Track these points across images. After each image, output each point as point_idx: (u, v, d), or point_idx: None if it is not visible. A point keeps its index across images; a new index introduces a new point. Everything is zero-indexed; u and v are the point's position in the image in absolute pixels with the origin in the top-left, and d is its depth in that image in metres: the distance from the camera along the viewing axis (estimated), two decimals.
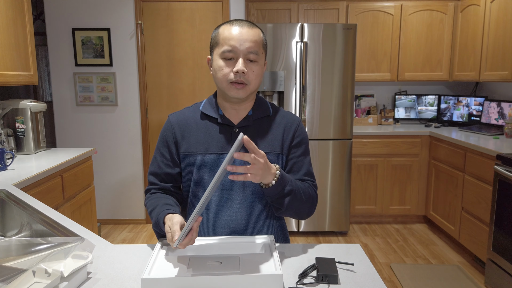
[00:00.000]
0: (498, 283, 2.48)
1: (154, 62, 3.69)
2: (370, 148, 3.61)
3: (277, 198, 1.12)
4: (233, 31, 1.15)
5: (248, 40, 1.15)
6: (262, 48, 1.19)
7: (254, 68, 1.17)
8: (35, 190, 2.00)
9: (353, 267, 1.08)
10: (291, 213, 1.18)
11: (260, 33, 1.20)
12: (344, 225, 3.50)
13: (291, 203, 1.14)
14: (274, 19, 3.63)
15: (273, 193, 1.10)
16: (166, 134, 1.28)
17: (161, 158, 1.28)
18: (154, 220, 1.14)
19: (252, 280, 0.91)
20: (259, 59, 1.18)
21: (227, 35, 1.16)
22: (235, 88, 1.16)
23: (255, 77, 1.18)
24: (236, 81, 1.16)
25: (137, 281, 1.00)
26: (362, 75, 3.78)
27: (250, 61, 1.16)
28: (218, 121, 1.25)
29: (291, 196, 1.13)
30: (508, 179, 2.40)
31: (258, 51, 1.17)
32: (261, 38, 1.19)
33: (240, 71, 1.14)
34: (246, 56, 1.15)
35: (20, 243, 1.00)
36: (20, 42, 2.41)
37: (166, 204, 1.17)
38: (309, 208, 1.22)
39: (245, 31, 1.15)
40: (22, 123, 2.50)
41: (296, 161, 1.27)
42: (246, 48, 1.14)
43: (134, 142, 3.78)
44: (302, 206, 1.18)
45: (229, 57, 1.15)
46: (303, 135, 1.30)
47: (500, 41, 3.05)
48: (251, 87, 1.19)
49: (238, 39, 1.14)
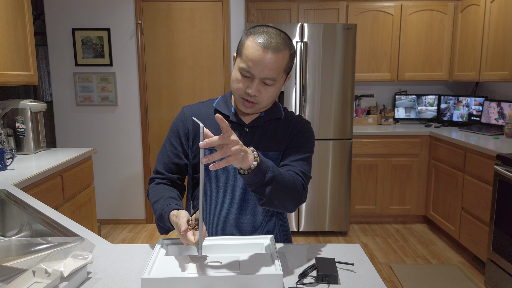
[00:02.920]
0: (498, 283, 2.48)
1: (154, 62, 3.69)
2: (370, 148, 3.61)
3: (258, 186, 1.02)
4: (256, 52, 1.10)
5: (268, 68, 1.11)
6: (282, 72, 1.15)
7: (269, 90, 1.15)
8: (35, 190, 2.00)
9: (353, 267, 1.08)
10: (275, 203, 1.08)
11: (286, 57, 1.14)
12: (344, 225, 3.50)
13: (273, 191, 1.04)
14: (274, 19, 3.63)
15: (254, 180, 0.99)
16: (178, 125, 1.28)
17: (171, 148, 1.27)
18: (159, 214, 1.12)
19: (252, 280, 0.91)
20: (276, 83, 1.15)
21: (250, 53, 1.11)
22: (244, 106, 1.17)
23: (268, 98, 1.17)
24: (246, 100, 1.16)
25: (137, 281, 1.00)
26: (362, 75, 3.78)
27: (266, 85, 1.14)
28: (230, 119, 1.25)
29: (273, 184, 1.03)
30: (508, 179, 2.39)
31: (276, 77, 1.13)
32: (285, 63, 1.14)
33: (252, 95, 1.14)
34: (263, 80, 1.13)
35: (20, 243, 1.00)
36: (20, 42, 2.41)
37: (171, 198, 1.15)
38: (294, 198, 1.11)
39: (268, 57, 1.10)
40: (22, 123, 2.50)
41: (292, 149, 1.23)
42: (263, 74, 1.11)
43: (134, 142, 3.78)
44: (286, 196, 1.09)
45: (246, 75, 1.14)
46: (308, 133, 1.27)
47: (500, 41, 3.05)
48: (262, 106, 1.18)
49: (259, 63, 1.10)
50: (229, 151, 0.89)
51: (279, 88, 1.19)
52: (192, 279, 0.90)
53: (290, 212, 1.17)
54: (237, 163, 0.93)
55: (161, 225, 1.14)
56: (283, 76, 1.17)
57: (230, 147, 0.89)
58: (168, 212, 1.09)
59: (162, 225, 1.13)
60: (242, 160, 0.93)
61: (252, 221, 1.24)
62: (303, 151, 1.23)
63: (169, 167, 1.27)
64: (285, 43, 1.14)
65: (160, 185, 1.25)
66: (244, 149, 0.94)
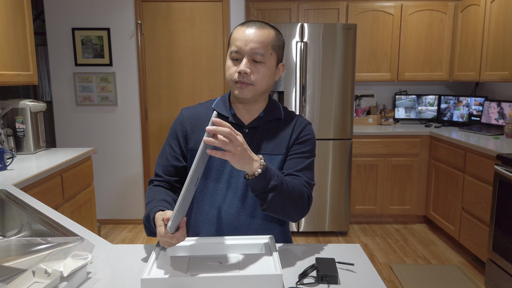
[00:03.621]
0: (498, 283, 2.48)
1: (154, 62, 3.68)
2: (370, 148, 3.61)
3: (261, 192, 1.05)
4: (241, 32, 1.16)
5: (254, 41, 1.14)
6: (270, 49, 1.17)
7: (261, 69, 1.16)
8: (35, 190, 2.00)
9: (353, 267, 1.08)
10: (277, 211, 1.10)
11: (271, 34, 1.18)
12: (344, 225, 3.50)
13: (276, 200, 1.06)
14: (274, 19, 3.63)
15: (257, 185, 1.03)
16: (177, 127, 1.29)
17: (170, 150, 1.28)
18: (146, 214, 1.12)
19: (252, 280, 0.91)
20: (266, 60, 1.16)
21: (235, 35, 1.17)
22: (239, 87, 1.17)
23: (261, 78, 1.17)
24: (240, 81, 1.16)
25: (137, 281, 1.00)
26: (362, 75, 3.78)
27: (256, 62, 1.16)
28: (229, 119, 1.25)
29: (276, 192, 1.05)
30: (508, 179, 2.39)
31: (264, 52, 1.15)
32: (270, 38, 1.17)
33: (243, 72, 1.14)
34: (251, 56, 1.15)
35: (20, 243, 1.00)
36: (20, 42, 2.41)
37: (162, 200, 1.15)
38: (298, 208, 1.13)
39: (252, 32, 1.15)
40: (22, 123, 2.50)
41: (295, 157, 1.23)
42: (250, 49, 1.14)
43: (134, 142, 3.78)
44: (289, 205, 1.10)
45: (236, 58, 1.16)
46: (309, 136, 1.26)
47: (500, 41, 3.05)
48: (257, 88, 1.18)
49: (244, 40, 1.14)
50: (229, 147, 0.93)
51: (271, 69, 1.20)
52: (192, 279, 0.90)
53: (294, 222, 1.18)
54: (234, 163, 0.97)
55: (147, 225, 1.13)
56: (272, 54, 1.18)
57: (232, 144, 0.94)
58: (155, 212, 1.08)
59: (148, 226, 1.12)
60: (241, 164, 0.97)
61: (252, 222, 1.24)
62: (306, 157, 1.23)
63: (168, 169, 1.27)
64: (270, 25, 1.20)
65: (157, 187, 1.25)
66: (248, 155, 0.99)
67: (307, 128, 1.28)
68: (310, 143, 1.26)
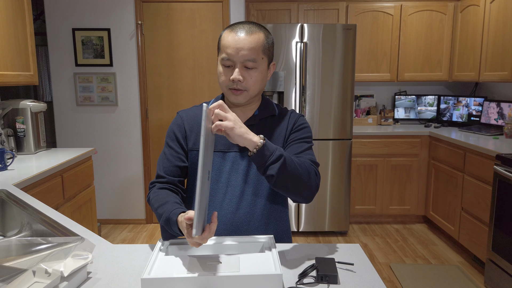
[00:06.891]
0: (498, 283, 2.48)
1: (154, 62, 3.69)
2: (369, 148, 3.61)
3: (267, 164, 1.04)
4: (231, 38, 1.15)
5: (245, 48, 1.14)
6: (261, 53, 1.18)
7: (253, 74, 1.18)
8: (35, 190, 2.00)
9: (353, 267, 1.08)
10: (286, 184, 1.07)
11: (261, 38, 1.17)
12: (344, 225, 3.50)
13: (283, 171, 1.05)
14: (274, 19, 3.64)
15: (262, 158, 1.03)
16: (175, 128, 1.30)
17: (170, 151, 1.28)
18: (166, 216, 1.09)
19: (252, 280, 0.91)
20: (258, 65, 1.18)
21: (225, 42, 1.17)
22: (234, 95, 1.19)
23: (254, 83, 1.19)
24: (234, 88, 1.18)
25: (137, 281, 1.01)
26: (362, 75, 3.79)
27: (249, 68, 1.17)
28: None
29: (281, 162, 1.04)
30: (507, 179, 2.40)
31: (256, 58, 1.16)
32: (261, 43, 1.17)
33: (236, 80, 1.16)
34: (244, 63, 1.16)
35: (20, 243, 1.00)
36: (20, 42, 2.42)
37: (175, 203, 1.14)
38: (307, 182, 1.11)
39: (242, 39, 1.15)
40: (22, 123, 2.50)
41: (295, 143, 1.24)
42: (242, 56, 1.14)
43: (134, 142, 3.78)
44: (298, 178, 1.08)
45: (227, 65, 1.17)
46: (305, 124, 1.30)
47: (499, 41, 3.06)
48: (251, 92, 1.20)
49: (235, 47, 1.14)
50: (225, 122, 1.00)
51: (263, 73, 1.21)
52: (192, 279, 0.91)
53: (307, 200, 1.14)
54: (235, 136, 1.01)
55: (166, 228, 1.12)
56: (263, 58, 1.19)
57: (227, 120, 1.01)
58: (177, 214, 1.07)
59: (168, 229, 1.11)
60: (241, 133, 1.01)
61: (252, 220, 1.24)
62: (306, 142, 1.26)
63: (170, 170, 1.27)
64: (258, 27, 1.20)
65: (163, 190, 1.23)
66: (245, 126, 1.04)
67: (301, 119, 1.31)
68: (306, 130, 1.29)
